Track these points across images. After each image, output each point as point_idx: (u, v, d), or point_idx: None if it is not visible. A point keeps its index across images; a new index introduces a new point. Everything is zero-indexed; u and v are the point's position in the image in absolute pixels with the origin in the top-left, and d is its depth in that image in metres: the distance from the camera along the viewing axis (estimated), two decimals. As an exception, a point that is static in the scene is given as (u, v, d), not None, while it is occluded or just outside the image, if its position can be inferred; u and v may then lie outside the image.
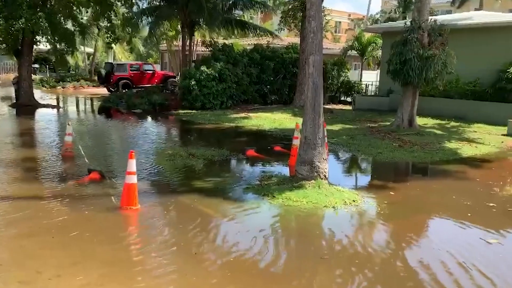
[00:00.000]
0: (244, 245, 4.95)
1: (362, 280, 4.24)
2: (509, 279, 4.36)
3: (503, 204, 6.89)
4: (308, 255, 4.80)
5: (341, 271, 4.42)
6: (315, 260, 4.65)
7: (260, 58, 20.42)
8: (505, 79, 15.12)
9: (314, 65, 7.03)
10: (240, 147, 10.39)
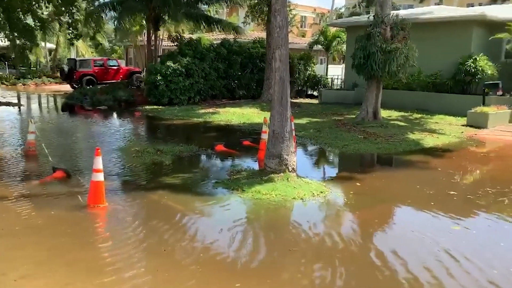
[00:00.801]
0: (214, 239, 4.97)
1: (331, 270, 4.33)
2: (476, 262, 4.53)
3: (463, 192, 7.19)
4: (278, 247, 4.86)
5: (310, 262, 4.50)
6: (284, 252, 4.71)
7: (227, 53, 20.36)
8: (464, 71, 15.67)
9: (281, 59, 7.09)
10: (209, 142, 10.38)
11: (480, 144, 11.45)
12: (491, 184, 7.75)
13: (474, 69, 15.38)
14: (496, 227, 5.75)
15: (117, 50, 46.71)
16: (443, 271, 4.31)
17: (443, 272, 4.30)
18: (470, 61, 15.52)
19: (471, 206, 6.51)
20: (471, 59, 15.57)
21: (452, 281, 4.13)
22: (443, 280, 4.15)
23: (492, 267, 4.38)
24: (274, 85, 7.24)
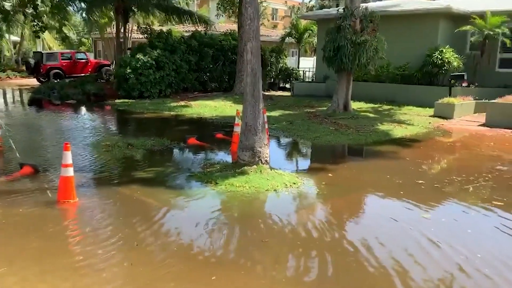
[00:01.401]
0: (188, 233, 4.97)
1: (304, 259, 4.39)
2: (445, 249, 4.66)
3: (431, 181, 7.40)
4: (252, 239, 4.89)
5: (284, 252, 4.55)
6: (258, 244, 4.75)
7: (199, 45, 20.20)
8: (431, 63, 16.06)
9: (252, 52, 7.10)
10: (181, 135, 10.31)
11: (447, 134, 11.80)
12: (457, 173, 8.03)
13: (441, 61, 15.79)
14: (463, 215, 5.94)
15: (85, 43, 45.63)
16: (412, 258, 4.43)
17: (412, 259, 4.42)
18: (437, 53, 15.92)
19: (438, 194, 6.71)
20: (438, 51, 15.98)
21: (420, 268, 4.24)
22: (413, 266, 4.27)
23: (460, 253, 4.51)
24: (246, 78, 7.25)
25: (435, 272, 4.15)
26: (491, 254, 4.54)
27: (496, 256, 4.51)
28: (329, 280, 4.04)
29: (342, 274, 4.14)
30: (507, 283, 3.99)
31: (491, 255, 4.53)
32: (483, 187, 7.00)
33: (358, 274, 4.15)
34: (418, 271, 4.18)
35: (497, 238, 5.07)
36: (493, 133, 11.77)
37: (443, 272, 4.16)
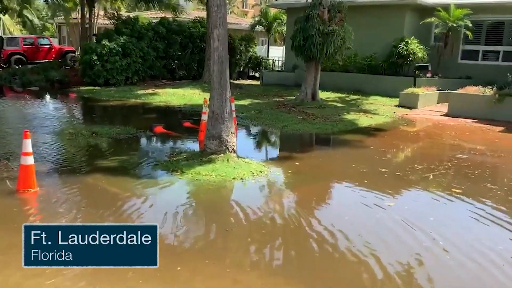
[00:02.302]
0: (152, 221, 4.91)
1: (269, 247, 4.42)
2: (408, 236, 4.81)
3: (393, 169, 7.59)
4: (217, 228, 4.89)
5: (248, 241, 4.57)
6: (223, 233, 4.76)
7: (167, 32, 19.86)
8: (397, 54, 16.38)
9: (219, 39, 7.04)
10: (148, 124, 10.19)
11: (411, 124, 12.10)
12: (419, 161, 8.26)
13: (406, 51, 16.12)
14: (425, 202, 6.11)
15: (49, 28, 44.06)
16: (379, 244, 4.54)
17: (379, 245, 4.53)
18: (403, 44, 16.23)
19: (401, 182, 6.89)
20: (404, 42, 16.29)
21: (386, 252, 4.36)
22: (380, 251, 4.37)
23: (423, 240, 4.65)
24: (213, 65, 7.19)
25: (400, 257, 4.26)
26: (453, 239, 4.71)
27: (457, 240, 4.68)
28: (295, 267, 4.09)
29: (307, 261, 4.20)
30: (471, 261, 4.20)
31: (453, 239, 4.70)
32: (443, 175, 7.22)
33: (323, 260, 4.23)
34: (383, 255, 4.27)
35: (458, 223, 5.26)
36: (455, 122, 12.15)
37: (408, 257, 4.27)
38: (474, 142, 10.06)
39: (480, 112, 12.55)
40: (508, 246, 4.64)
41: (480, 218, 5.46)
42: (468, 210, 5.73)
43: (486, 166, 7.91)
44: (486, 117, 12.38)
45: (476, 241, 4.69)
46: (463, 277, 4.04)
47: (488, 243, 4.64)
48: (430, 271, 4.05)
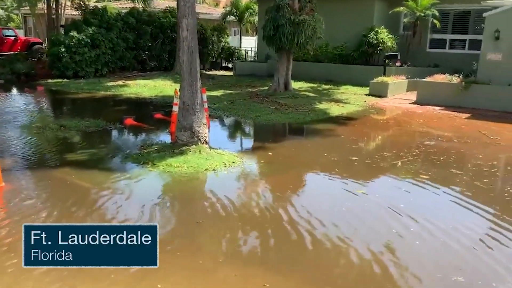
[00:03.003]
0: (123, 214, 4.88)
1: (242, 237, 4.46)
2: (379, 223, 4.93)
3: (364, 157, 7.72)
4: (187, 220, 4.87)
5: (220, 232, 4.58)
6: (193, 225, 4.73)
7: (136, 22, 19.51)
8: (367, 43, 16.58)
9: (188, 29, 6.96)
10: (118, 116, 10.02)
11: (381, 112, 12.32)
12: (388, 149, 8.44)
13: (376, 41, 16.35)
14: (394, 189, 6.24)
15: (14, 19, 42.60)
16: (353, 231, 4.64)
17: (353, 231, 4.63)
18: (372, 34, 16.45)
19: (370, 170, 7.03)
20: (373, 31, 16.50)
21: (361, 238, 4.46)
22: (354, 237, 4.47)
23: (392, 228, 4.75)
24: (182, 56, 7.12)
25: (374, 243, 4.36)
26: (423, 223, 4.86)
27: (428, 224, 4.83)
28: (269, 257, 4.12)
29: (282, 250, 4.24)
30: (441, 243, 4.34)
31: (423, 223, 4.85)
32: (411, 162, 7.40)
33: (298, 248, 4.27)
34: (357, 242, 4.36)
35: (427, 208, 5.39)
36: (423, 110, 12.43)
37: (382, 242, 4.38)
38: (442, 129, 10.32)
39: (447, 100, 12.87)
40: (475, 227, 4.82)
41: (447, 202, 5.65)
42: (436, 195, 5.91)
43: (452, 152, 8.14)
44: (453, 104, 12.72)
45: (444, 224, 4.84)
46: (433, 258, 4.17)
47: (457, 225, 4.80)
48: (402, 255, 4.15)
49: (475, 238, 4.57)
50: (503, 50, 12.76)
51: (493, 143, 8.91)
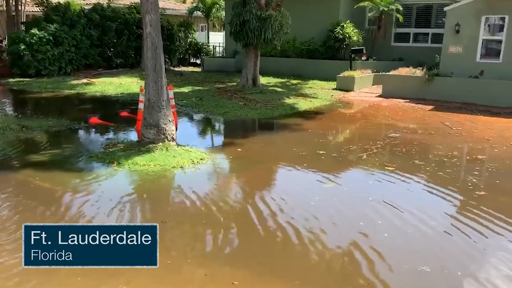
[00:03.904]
0: (87, 216, 4.77)
1: (211, 235, 4.43)
2: (349, 215, 5.01)
3: (331, 151, 7.80)
4: (153, 219, 4.78)
5: (188, 231, 4.56)
6: (160, 224, 4.56)
7: (101, 19, 19.07)
8: (333, 38, 16.75)
9: (151, 25, 6.86)
10: (83, 115, 9.80)
11: (348, 106, 12.49)
12: (355, 142, 8.59)
13: (342, 35, 16.53)
14: (362, 182, 6.34)
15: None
16: (322, 224, 4.68)
17: (322, 225, 4.66)
18: (338, 28, 16.62)
19: (338, 163, 7.13)
20: (339, 26, 16.67)
21: (328, 231, 4.51)
22: (323, 230, 4.52)
23: (361, 219, 4.83)
24: (146, 52, 7.02)
25: (344, 235, 4.46)
26: (389, 215, 4.97)
27: (396, 214, 4.94)
28: (239, 253, 4.13)
29: (251, 246, 4.25)
30: (404, 231, 4.44)
31: (389, 216, 4.95)
32: (376, 155, 7.54)
33: (265, 244, 4.29)
34: (327, 235, 4.42)
35: (394, 199, 5.49)
36: (389, 103, 12.68)
37: (350, 233, 4.48)
38: (406, 121, 10.56)
39: (411, 92, 13.17)
40: (440, 217, 4.96)
41: (412, 192, 5.80)
42: (401, 186, 6.06)
43: (417, 143, 8.34)
44: (418, 96, 13.03)
45: (411, 214, 4.96)
46: (400, 249, 4.27)
47: (423, 216, 4.93)
48: (372, 246, 4.21)
49: (440, 229, 4.70)
50: (463, 43, 13.15)
51: (455, 133, 9.19)
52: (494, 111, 11.55)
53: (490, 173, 6.72)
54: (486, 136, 8.97)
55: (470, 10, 13.00)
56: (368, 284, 3.61)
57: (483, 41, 13.02)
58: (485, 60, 12.98)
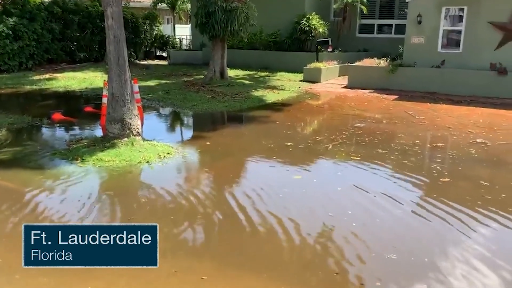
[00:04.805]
0: (49, 215, 4.65)
1: (178, 231, 4.39)
2: (318, 207, 5.03)
3: (298, 143, 7.84)
4: (119, 216, 4.73)
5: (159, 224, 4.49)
6: (126, 221, 4.58)
7: (62, 12, 18.49)
8: (299, 30, 16.85)
9: (113, 17, 6.70)
10: (46, 111, 9.52)
11: (314, 97, 12.63)
12: (321, 132, 8.70)
13: (308, 27, 16.66)
14: (329, 172, 6.44)
15: None
16: (290, 215, 4.70)
17: (290, 216, 4.69)
18: (304, 20, 16.73)
19: (305, 154, 7.19)
20: (305, 18, 16.79)
21: (298, 223, 4.53)
22: (291, 221, 4.55)
23: (330, 209, 4.91)
24: (108, 45, 6.86)
25: (312, 226, 4.48)
26: (358, 205, 5.06)
27: (362, 204, 5.05)
28: (208, 247, 4.11)
29: (219, 240, 4.25)
30: (372, 218, 4.53)
31: (358, 205, 5.05)
32: (341, 145, 7.65)
33: (234, 237, 4.29)
34: (295, 226, 4.44)
35: (360, 187, 5.61)
36: (354, 94, 12.89)
37: (319, 223, 4.52)
38: (372, 111, 10.77)
39: (376, 83, 13.44)
40: (406, 205, 5.10)
41: (377, 180, 5.92)
42: (366, 175, 6.18)
43: (381, 133, 8.52)
44: (382, 87, 13.30)
45: (376, 202, 5.09)
46: (368, 236, 4.36)
47: (388, 203, 5.06)
48: (341, 235, 4.30)
49: (408, 216, 4.84)
50: (425, 34, 13.48)
51: (418, 122, 9.44)
52: (455, 100, 11.93)
53: (452, 160, 6.95)
54: (447, 124, 9.26)
55: (431, 2, 13.33)
56: (338, 274, 3.66)
57: (443, 31, 13.38)
58: (446, 50, 13.36)
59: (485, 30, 12.72)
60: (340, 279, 3.62)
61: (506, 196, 5.34)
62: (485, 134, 8.38)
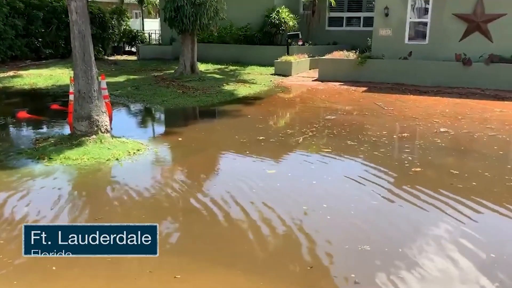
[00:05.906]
0: (15, 216, 4.52)
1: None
2: (296, 200, 5.06)
3: (270, 136, 7.84)
4: (87, 216, 4.62)
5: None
6: (93, 221, 4.46)
7: (26, 7, 17.90)
8: (269, 23, 16.84)
9: (77, 12, 6.54)
10: (10, 109, 9.26)
11: (286, 90, 12.67)
12: (292, 126, 8.74)
13: (278, 21, 16.66)
14: (301, 165, 6.43)
15: None
16: (263, 210, 4.69)
17: (263, 211, 4.68)
18: (274, 14, 16.71)
19: (277, 148, 7.20)
20: (275, 11, 16.77)
21: (271, 216, 4.55)
22: (263, 215, 4.56)
23: (304, 202, 4.90)
24: (73, 41, 6.69)
25: (285, 218, 4.48)
26: (331, 196, 5.10)
27: (334, 195, 5.09)
28: (179, 245, 4.07)
29: (192, 237, 4.22)
30: (346, 210, 4.58)
31: (331, 196, 5.09)
32: (312, 138, 7.69)
33: (207, 233, 4.26)
34: (268, 220, 4.45)
35: (331, 180, 5.69)
36: (325, 86, 13.00)
37: (292, 216, 4.53)
38: (342, 103, 10.87)
39: (346, 75, 13.59)
40: (379, 198, 5.18)
41: (351, 171, 5.98)
42: (339, 167, 6.26)
43: (352, 124, 8.63)
44: (352, 79, 13.46)
45: (349, 194, 5.15)
46: (343, 229, 4.41)
47: (362, 195, 5.13)
48: (315, 227, 4.31)
49: (382, 207, 4.90)
50: (392, 26, 13.70)
51: (388, 113, 9.60)
52: (422, 90, 12.19)
53: (421, 149, 7.09)
54: (415, 115, 9.45)
55: (398, -6, 13.54)
56: (312, 267, 3.68)
57: (410, 23, 13.62)
58: (413, 42, 13.61)
59: (450, 22, 13.02)
60: (315, 272, 3.63)
61: (477, 184, 5.48)
62: (449, 124, 8.59)
